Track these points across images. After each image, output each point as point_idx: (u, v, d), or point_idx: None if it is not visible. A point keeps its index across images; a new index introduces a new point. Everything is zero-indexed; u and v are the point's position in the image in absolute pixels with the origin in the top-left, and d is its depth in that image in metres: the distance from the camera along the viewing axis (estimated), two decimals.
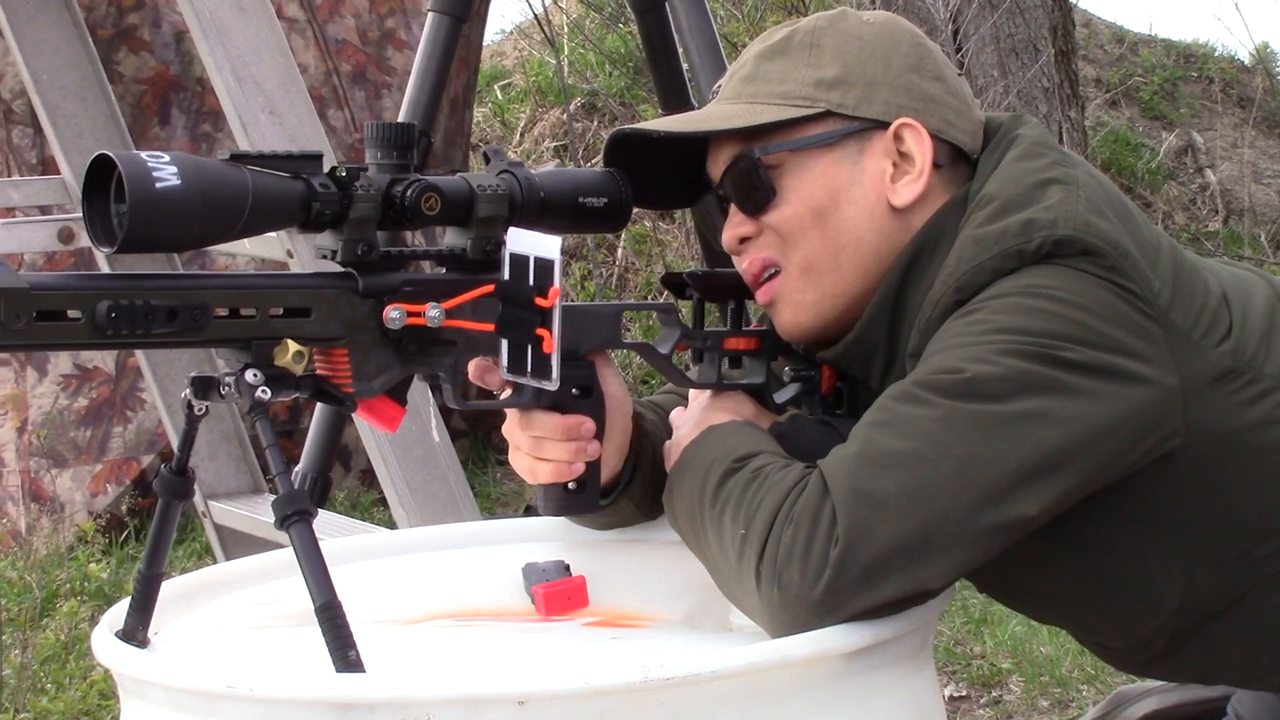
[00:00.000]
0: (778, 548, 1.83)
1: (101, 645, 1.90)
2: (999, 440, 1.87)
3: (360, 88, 6.71)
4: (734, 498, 1.90)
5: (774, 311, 2.11)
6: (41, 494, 6.22)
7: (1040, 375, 1.89)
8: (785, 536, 1.83)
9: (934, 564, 1.85)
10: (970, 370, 1.89)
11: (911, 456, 1.85)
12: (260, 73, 3.40)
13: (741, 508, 1.89)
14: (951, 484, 1.85)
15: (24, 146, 6.17)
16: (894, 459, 1.85)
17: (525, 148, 9.14)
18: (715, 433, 1.99)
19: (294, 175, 1.82)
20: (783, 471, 1.90)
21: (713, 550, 1.93)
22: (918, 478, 1.84)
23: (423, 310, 1.89)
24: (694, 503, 1.95)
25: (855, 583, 1.81)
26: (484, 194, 1.92)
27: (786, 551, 1.83)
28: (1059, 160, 2.05)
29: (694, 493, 1.96)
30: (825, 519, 1.82)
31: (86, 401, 6.26)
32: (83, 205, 1.75)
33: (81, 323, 1.73)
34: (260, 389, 1.81)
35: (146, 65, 6.38)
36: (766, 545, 1.84)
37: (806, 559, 1.81)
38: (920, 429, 1.87)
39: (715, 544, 1.92)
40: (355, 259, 1.87)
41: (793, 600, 1.82)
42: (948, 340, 1.94)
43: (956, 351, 1.91)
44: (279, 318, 1.83)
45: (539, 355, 1.92)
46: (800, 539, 1.82)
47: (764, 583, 1.84)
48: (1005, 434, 1.87)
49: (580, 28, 9.68)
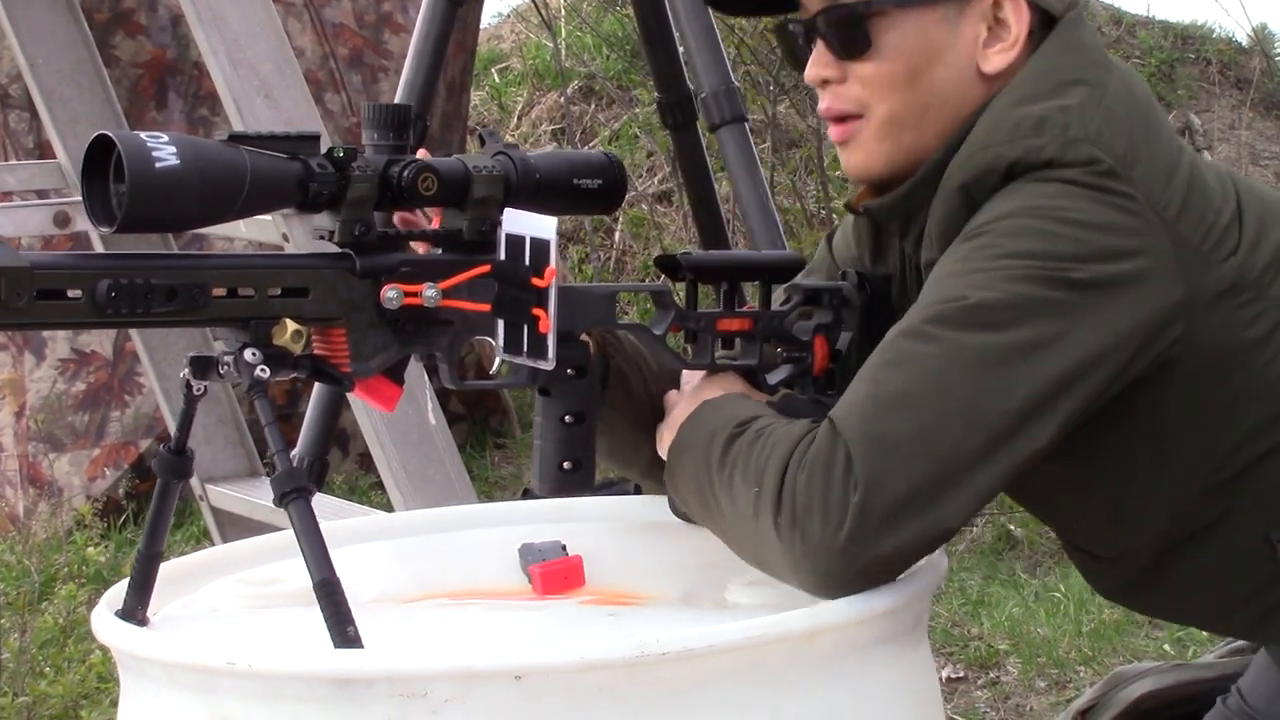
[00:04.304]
0: (794, 499, 1.84)
1: (101, 624, 1.92)
2: (1006, 374, 1.89)
3: (357, 71, 6.71)
4: (741, 459, 1.91)
5: (845, 151, 2.11)
6: (39, 478, 6.22)
7: (1045, 299, 1.91)
8: (800, 486, 1.84)
9: (952, 503, 1.86)
10: (974, 297, 1.90)
11: (921, 397, 1.87)
12: (256, 56, 3.41)
13: (750, 466, 1.89)
14: (962, 423, 1.87)
15: (20, 131, 6.17)
16: (904, 400, 1.87)
17: (523, 131, 9.13)
18: (711, 405, 2.00)
19: (291, 156, 1.83)
20: (787, 427, 1.91)
21: (726, 516, 1.93)
22: (929, 419, 1.86)
23: (419, 290, 1.90)
24: (700, 473, 1.96)
25: (877, 528, 1.83)
26: (479, 175, 1.93)
27: (805, 502, 1.83)
28: (1095, 62, 2.05)
29: (698, 464, 1.96)
30: (840, 465, 1.84)
31: (84, 386, 6.26)
32: (81, 185, 1.76)
33: (82, 302, 1.75)
34: (259, 368, 1.83)
35: (143, 49, 6.38)
36: (783, 498, 1.85)
37: (826, 507, 1.83)
38: (928, 367, 1.88)
39: (729, 509, 1.92)
40: (352, 239, 1.88)
41: (816, 549, 1.83)
42: (954, 265, 1.95)
43: (962, 279, 1.93)
44: (277, 297, 1.84)
45: (535, 335, 1.94)
46: (817, 488, 1.83)
47: (784, 535, 1.84)
48: (1012, 368, 1.89)
49: (577, 11, 9.66)
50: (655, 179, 8.61)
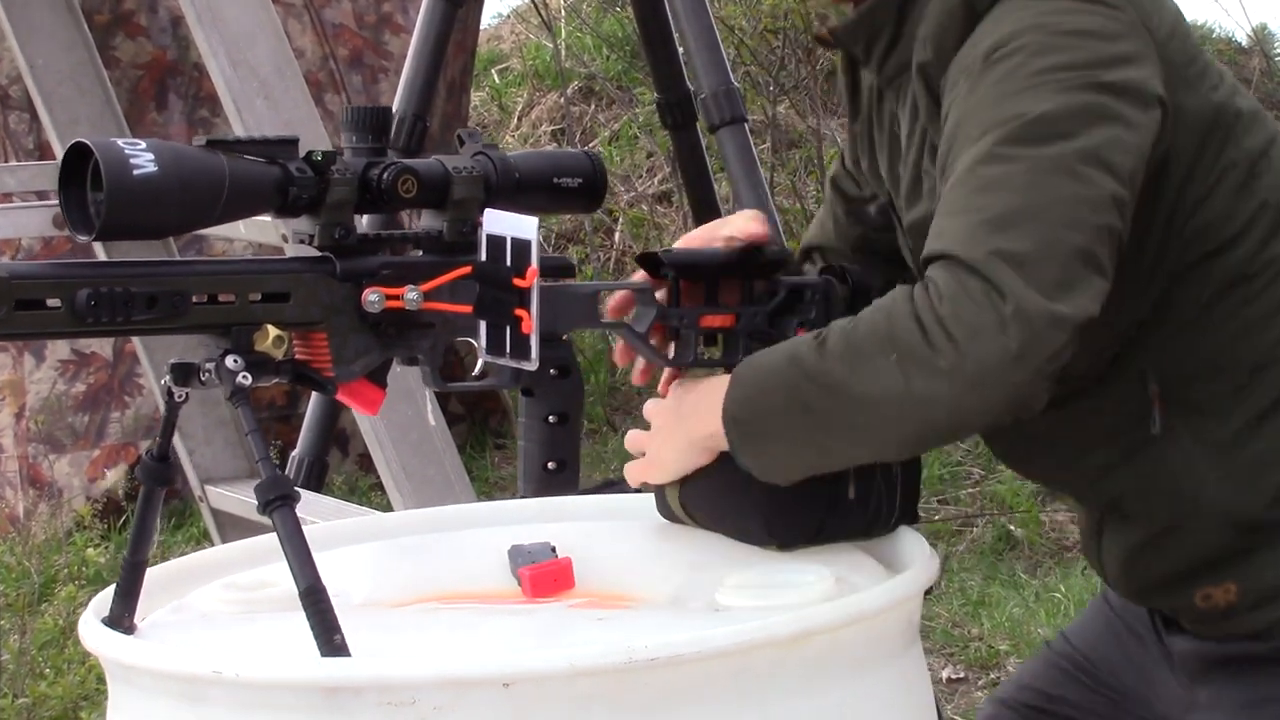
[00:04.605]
0: (948, 335, 1.84)
1: (88, 632, 1.91)
2: (1089, 175, 1.91)
3: (357, 72, 6.71)
4: (850, 352, 1.89)
5: None
6: (40, 479, 6.23)
7: (1095, 104, 1.94)
8: (950, 321, 1.84)
9: (1085, 293, 1.87)
10: (1034, 112, 1.92)
11: (1026, 211, 1.88)
12: (256, 58, 3.41)
13: (869, 347, 1.88)
14: (1068, 224, 1.89)
15: (20, 132, 6.17)
16: (1012, 218, 1.88)
17: (523, 131, 9.13)
18: (748, 366, 1.97)
19: (270, 160, 1.82)
20: (866, 309, 1.92)
21: (869, 410, 1.90)
22: (1042, 229, 1.88)
23: (401, 293, 1.90)
24: (794, 413, 1.92)
25: (1040, 329, 1.84)
26: (459, 176, 1.93)
27: (964, 331, 1.84)
28: None
29: (786, 402, 1.92)
30: (977, 288, 1.85)
31: (84, 387, 6.27)
32: (60, 194, 1.76)
33: (62, 311, 1.74)
34: (241, 374, 1.82)
35: (143, 50, 6.38)
36: (933, 342, 1.85)
37: (985, 326, 1.84)
38: (1021, 184, 1.90)
39: (871, 397, 1.89)
40: (332, 243, 1.88)
41: (995, 366, 1.83)
42: (995, 89, 1.96)
43: (1012, 99, 1.94)
44: (258, 303, 1.84)
45: (518, 336, 1.93)
46: (967, 314, 1.84)
47: (955, 375, 1.84)
48: (1089, 169, 1.91)
49: (577, 11, 9.66)
50: (655, 179, 8.61)
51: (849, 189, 2.38)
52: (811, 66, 8.39)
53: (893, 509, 2.08)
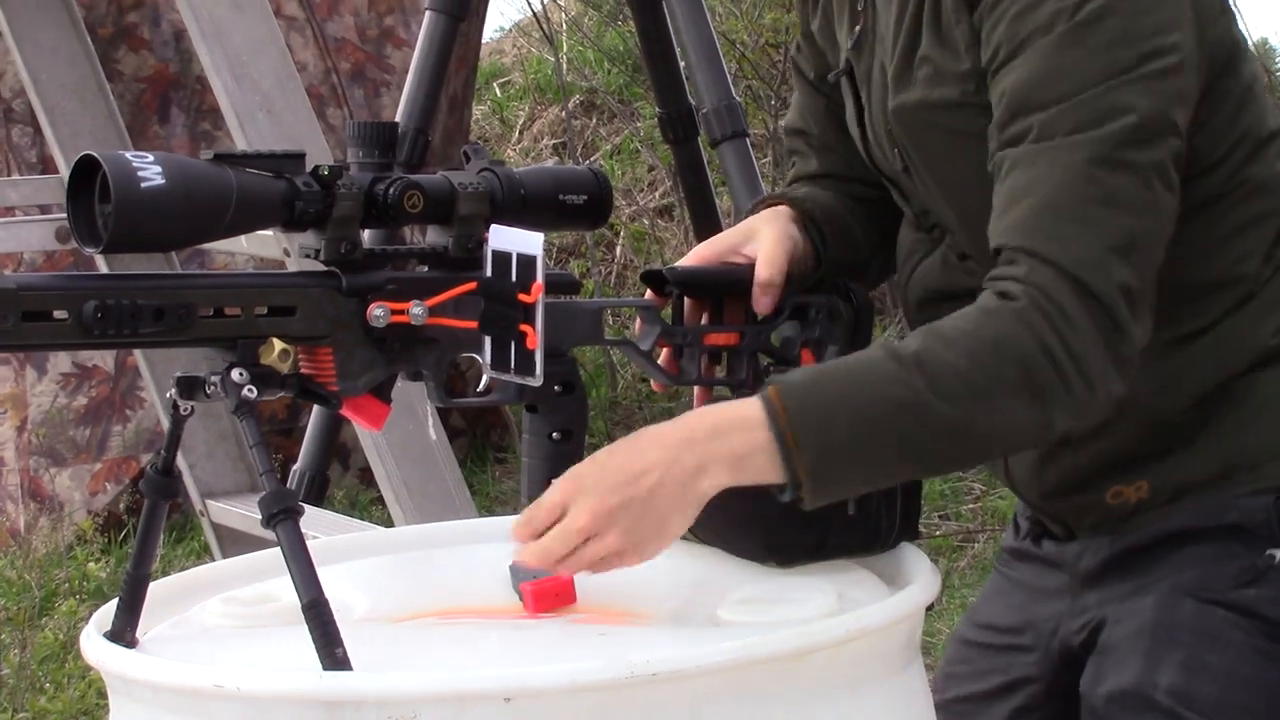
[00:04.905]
0: (1083, 377, 1.88)
1: (90, 645, 1.91)
2: (1162, 193, 1.95)
3: (359, 85, 6.71)
4: (972, 397, 1.88)
5: None
6: (41, 493, 6.22)
7: (1167, 103, 1.95)
8: (1083, 364, 1.88)
9: (1145, 267, 1.93)
10: (1138, 111, 1.92)
11: (1140, 238, 1.92)
12: (258, 71, 3.41)
13: (997, 390, 1.88)
14: (1158, 246, 1.94)
15: (23, 145, 6.17)
16: (1132, 245, 1.91)
17: (524, 145, 9.13)
18: (822, 417, 1.88)
19: (277, 174, 1.82)
20: (973, 331, 1.91)
21: (976, 450, 1.95)
22: (1148, 256, 1.93)
23: (406, 308, 1.90)
24: (904, 460, 1.90)
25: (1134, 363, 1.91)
26: (465, 191, 1.93)
27: (1099, 371, 1.89)
28: None
29: (896, 453, 1.89)
30: (1109, 329, 1.89)
31: (86, 400, 6.27)
32: (68, 206, 1.76)
33: (69, 323, 1.74)
34: (246, 388, 1.82)
35: (146, 63, 6.38)
36: (1070, 384, 1.88)
37: (1115, 369, 1.90)
38: (1136, 201, 1.93)
39: (986, 439, 1.91)
40: (339, 257, 1.88)
41: (1115, 398, 1.91)
42: (1095, 61, 1.93)
43: (1118, 92, 1.92)
44: (264, 316, 1.84)
45: (523, 351, 1.93)
46: (1100, 358, 1.89)
47: (1090, 409, 1.90)
48: (1162, 183, 1.95)
49: (579, 25, 9.66)
50: (656, 193, 8.61)
51: (804, 66, 2.34)
52: None
53: (893, 525, 2.08)
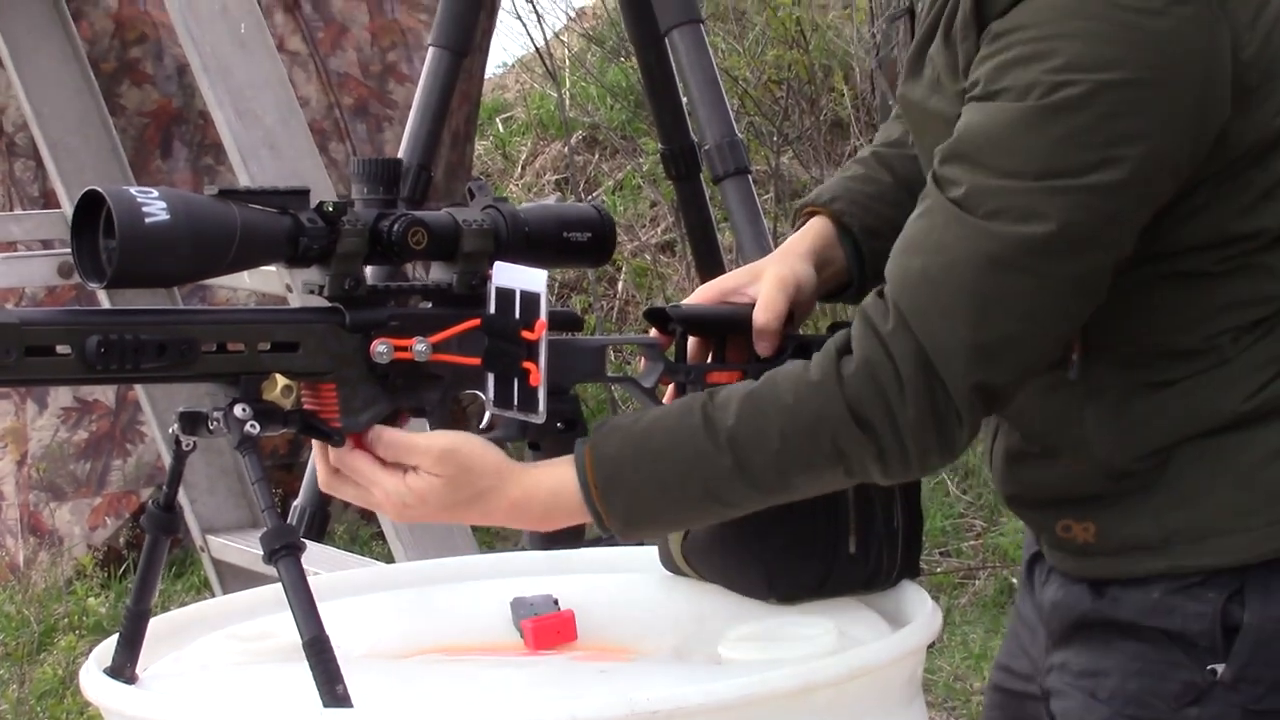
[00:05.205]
0: (903, 450, 1.87)
1: (89, 682, 1.91)
2: (1080, 305, 1.94)
3: (362, 120, 6.72)
4: (784, 475, 1.89)
5: None
6: (40, 527, 6.22)
7: (1106, 220, 1.91)
8: (908, 440, 1.87)
9: (1015, 369, 1.92)
10: (1054, 223, 1.87)
11: (1018, 341, 1.90)
12: (260, 107, 3.41)
13: (816, 463, 1.89)
14: (1045, 354, 1.95)
15: (26, 179, 6.18)
16: (1004, 346, 1.89)
17: (527, 180, 9.14)
18: (628, 489, 1.92)
19: (282, 210, 1.82)
20: (783, 406, 1.90)
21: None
22: (1023, 357, 1.91)
23: (410, 344, 1.90)
24: (706, 517, 1.95)
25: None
26: (469, 228, 1.93)
27: (924, 447, 1.87)
28: None
29: (697, 515, 1.94)
30: (950, 419, 1.87)
31: (86, 434, 6.26)
32: (71, 241, 1.76)
33: (71, 358, 1.74)
34: (249, 424, 1.82)
35: (149, 98, 6.39)
36: (887, 455, 1.87)
37: (947, 449, 1.89)
38: (1024, 308, 1.89)
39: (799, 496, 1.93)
40: (342, 293, 1.88)
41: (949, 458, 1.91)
42: (1029, 140, 1.87)
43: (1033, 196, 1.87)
44: (267, 352, 1.83)
45: (525, 388, 1.92)
46: (930, 439, 1.87)
47: (911, 471, 1.90)
48: (1083, 296, 1.93)
49: (581, 61, 9.68)
50: (659, 229, 8.61)
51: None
52: (815, 117, 8.40)
53: (894, 562, 2.08)
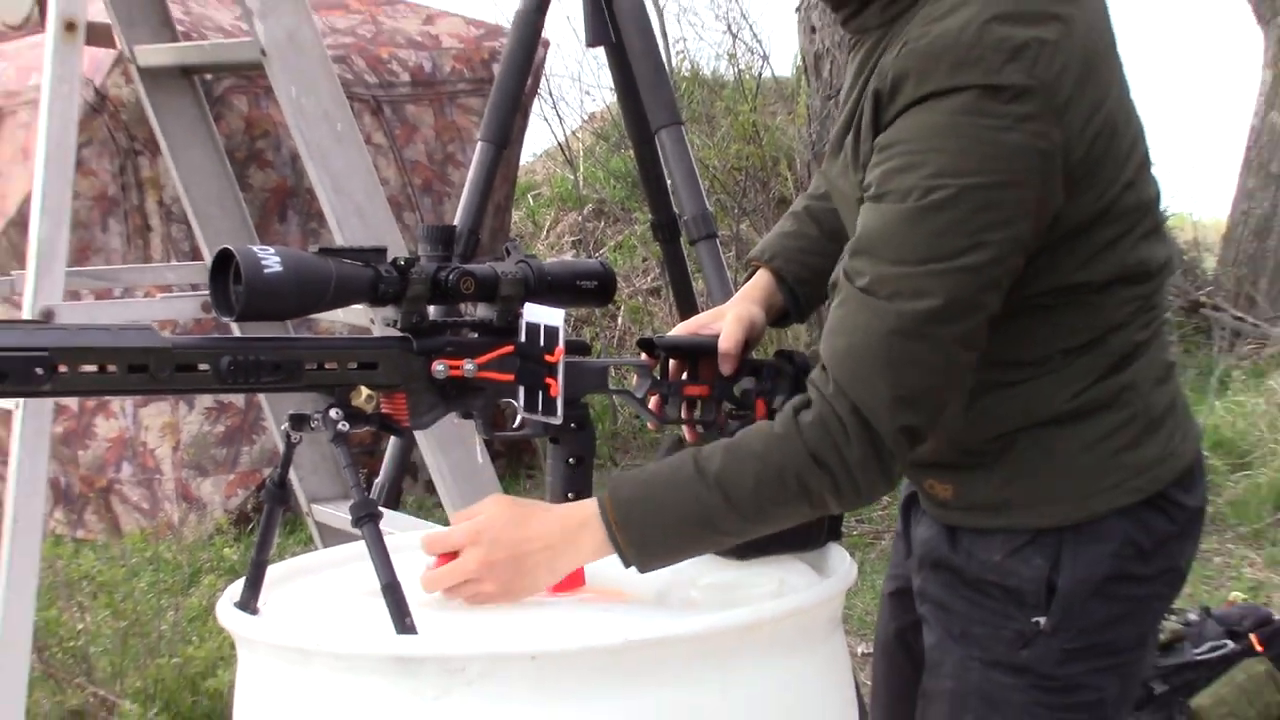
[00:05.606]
0: (855, 488, 1.78)
1: (223, 613, 1.90)
2: (969, 355, 1.83)
3: (428, 195, 6.72)
4: (762, 509, 1.81)
5: None
6: (189, 496, 6.21)
7: (987, 288, 1.78)
8: (859, 476, 1.78)
9: (931, 410, 1.82)
10: (943, 298, 1.75)
11: (932, 389, 1.80)
12: (351, 186, 3.39)
13: (785, 500, 1.80)
14: (956, 390, 1.84)
15: (179, 239, 6.17)
16: (922, 397, 1.80)
17: (550, 241, 9.14)
18: (643, 524, 1.84)
19: (365, 264, 1.82)
20: (765, 454, 1.80)
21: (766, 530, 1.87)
22: (938, 400, 1.81)
23: (461, 364, 1.89)
24: (701, 544, 1.88)
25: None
26: (506, 278, 1.93)
27: (870, 483, 1.78)
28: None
29: (693, 542, 1.86)
30: (888, 456, 1.78)
31: (224, 427, 6.26)
32: (210, 285, 1.75)
33: (209, 373, 1.73)
34: (341, 423, 1.81)
35: (270, 178, 6.38)
36: (843, 492, 1.78)
37: (885, 483, 1.79)
38: (933, 365, 1.78)
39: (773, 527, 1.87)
40: (411, 326, 1.87)
41: (890, 484, 1.81)
42: (916, 232, 1.73)
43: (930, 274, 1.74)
44: (354, 370, 1.82)
45: (548, 398, 1.92)
46: (871, 476, 1.78)
47: (860, 501, 1.81)
48: (968, 349, 1.82)
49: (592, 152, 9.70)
50: (648, 278, 8.63)
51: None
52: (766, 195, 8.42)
53: (823, 530, 2.07)
